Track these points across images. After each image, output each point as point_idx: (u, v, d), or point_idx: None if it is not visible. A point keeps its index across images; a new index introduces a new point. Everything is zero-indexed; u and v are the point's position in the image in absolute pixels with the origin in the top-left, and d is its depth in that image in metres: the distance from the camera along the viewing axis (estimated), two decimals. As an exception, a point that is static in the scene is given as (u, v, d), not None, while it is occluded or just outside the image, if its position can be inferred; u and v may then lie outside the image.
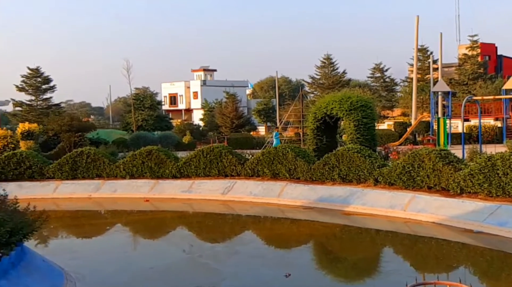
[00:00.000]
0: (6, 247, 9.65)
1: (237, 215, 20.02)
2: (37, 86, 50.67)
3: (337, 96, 22.53)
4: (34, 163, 23.95)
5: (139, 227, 18.61)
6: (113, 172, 23.75)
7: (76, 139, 31.10)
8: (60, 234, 17.45)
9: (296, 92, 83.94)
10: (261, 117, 68.13)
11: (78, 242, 16.25)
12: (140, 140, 36.69)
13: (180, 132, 49.07)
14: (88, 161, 23.90)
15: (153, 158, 23.41)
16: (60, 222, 18.56)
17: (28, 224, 10.57)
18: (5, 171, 23.66)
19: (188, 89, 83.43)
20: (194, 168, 22.92)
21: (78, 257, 13.38)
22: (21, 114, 49.86)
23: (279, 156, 21.33)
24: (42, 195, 21.90)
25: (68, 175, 23.82)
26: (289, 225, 17.79)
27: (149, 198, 22.04)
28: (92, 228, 18.54)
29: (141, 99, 51.66)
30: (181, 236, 16.86)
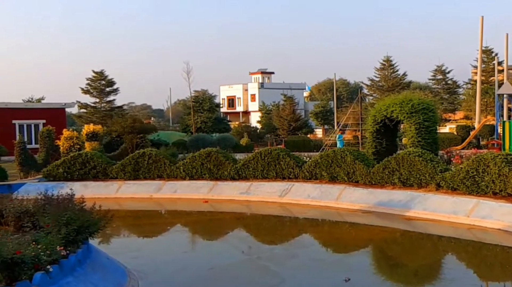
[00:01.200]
0: (73, 244, 10.02)
1: (295, 218, 20.00)
2: (101, 89, 52.37)
3: (398, 99, 22.15)
4: (99, 163, 24.72)
5: (198, 227, 18.90)
6: (174, 173, 24.20)
7: (138, 140, 31.86)
8: (122, 233, 17.94)
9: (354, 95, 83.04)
10: (318, 119, 67.79)
11: (140, 241, 16.67)
12: (199, 142, 37.22)
13: (237, 134, 49.49)
14: (149, 162, 24.46)
15: (212, 159, 23.72)
16: (123, 221, 19.05)
17: (94, 222, 10.93)
18: (71, 171, 24.54)
19: (246, 92, 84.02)
20: (252, 170, 23.06)
21: (140, 255, 13.72)
22: (85, 116, 51.66)
23: (337, 159, 21.17)
24: (105, 195, 22.54)
25: (131, 176, 24.44)
26: (347, 229, 17.62)
27: (208, 199, 22.33)
28: (153, 227, 18.97)
29: (200, 102, 52.45)
30: (239, 237, 17.00)
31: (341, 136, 34.78)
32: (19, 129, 36.51)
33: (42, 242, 9.14)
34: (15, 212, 12.46)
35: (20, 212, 12.38)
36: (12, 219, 12.42)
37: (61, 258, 9.10)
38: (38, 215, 11.50)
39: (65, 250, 9.44)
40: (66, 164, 24.64)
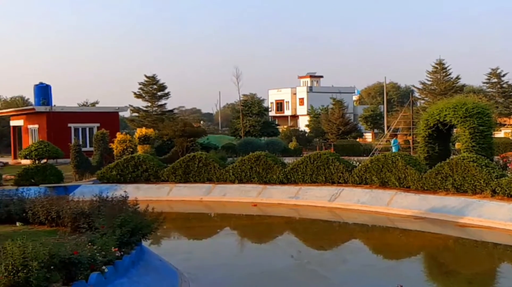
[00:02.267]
0: (127, 246, 10.25)
1: (344, 223, 19.82)
2: (153, 93, 53.36)
3: (451, 103, 21.65)
4: (150, 166, 25.20)
5: (247, 231, 18.99)
6: (223, 176, 24.42)
7: (188, 144, 32.27)
8: (173, 235, 18.22)
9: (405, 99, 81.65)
10: (368, 124, 66.97)
11: (190, 244, 16.89)
12: (247, 146, 37.39)
13: (286, 138, 49.41)
14: (199, 165, 24.76)
15: (261, 163, 23.80)
16: (174, 223, 19.34)
17: (147, 224, 11.15)
18: (124, 173, 25.10)
19: (295, 96, 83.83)
20: (301, 174, 23.01)
21: (191, 258, 13.90)
22: (138, 120, 52.74)
23: (388, 164, 20.87)
24: (157, 197, 22.93)
25: (181, 178, 24.79)
26: (398, 235, 17.33)
27: (257, 202, 22.41)
28: (203, 230, 19.18)
29: (249, 106, 52.68)
30: (288, 241, 16.98)
31: (396, 141, 34.23)
32: (75, 133, 37.67)
33: (98, 243, 9.39)
34: (71, 213, 12.86)
35: (76, 213, 12.77)
36: (69, 220, 12.83)
37: (115, 259, 9.33)
38: (94, 216, 11.83)
39: (120, 251, 9.67)
40: (119, 166, 25.23)
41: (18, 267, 7.42)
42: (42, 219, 13.43)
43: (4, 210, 14.00)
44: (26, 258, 7.51)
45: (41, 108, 37.83)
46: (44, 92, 39.10)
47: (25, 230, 12.84)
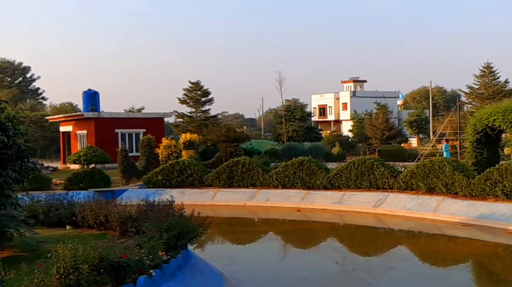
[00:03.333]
0: (173, 250, 10.40)
1: (390, 229, 19.55)
2: (197, 99, 53.99)
3: (500, 107, 21.09)
4: (195, 171, 25.49)
5: (291, 236, 18.96)
6: (266, 181, 24.47)
7: (231, 149, 32.51)
8: (218, 239, 18.35)
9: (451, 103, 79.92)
10: (413, 128, 65.90)
11: (234, 248, 16.98)
12: (290, 151, 37.36)
13: (329, 143, 49.15)
14: (243, 170, 24.89)
15: (304, 168, 23.74)
16: (218, 228, 19.48)
17: (193, 229, 11.29)
18: (170, 178, 25.46)
19: (338, 101, 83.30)
20: (345, 180, 22.83)
21: (235, 263, 13.97)
22: (182, 125, 53.43)
23: (435, 169, 20.48)
24: (201, 202, 23.16)
25: (225, 183, 24.97)
26: (446, 242, 16.97)
27: (300, 208, 22.35)
28: (247, 235, 19.25)
29: (292, 111, 52.66)
30: (333, 247, 16.87)
31: (447, 146, 33.56)
32: (121, 138, 38.43)
33: (145, 247, 9.56)
34: (119, 217, 13.14)
35: (124, 217, 13.04)
36: (117, 223, 13.11)
37: (162, 263, 9.47)
38: (141, 220, 12.05)
39: (166, 255, 9.81)
40: (164, 171, 25.62)
41: (69, 270, 7.62)
42: (91, 223, 13.76)
43: (55, 214, 14.40)
44: (77, 261, 7.71)
45: (89, 114, 38.79)
46: (92, 99, 40.08)
47: (74, 233, 13.18)
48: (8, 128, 6.69)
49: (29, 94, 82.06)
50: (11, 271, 7.69)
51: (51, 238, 12.37)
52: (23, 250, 11.21)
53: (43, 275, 7.46)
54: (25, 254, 10.78)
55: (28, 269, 7.72)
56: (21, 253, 11.00)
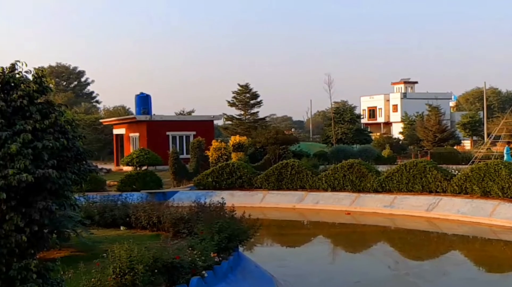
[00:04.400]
0: (225, 251, 10.51)
1: (443, 234, 19.12)
2: (246, 101, 54.26)
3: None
4: (244, 173, 25.65)
5: (341, 239, 18.81)
6: (316, 184, 24.36)
7: (280, 151, 32.51)
8: (267, 242, 18.40)
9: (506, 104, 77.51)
10: (466, 131, 64.16)
11: (284, 251, 16.99)
12: (340, 154, 37.02)
13: (379, 145, 48.45)
14: (292, 172, 24.87)
15: (354, 171, 23.51)
16: (267, 230, 19.53)
17: (244, 231, 11.37)
18: (219, 180, 25.72)
19: (388, 103, 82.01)
20: (396, 183, 22.47)
21: (285, 265, 13.98)
22: (231, 128, 53.79)
23: (490, 173, 19.90)
24: (250, 204, 23.24)
25: (274, 186, 25.01)
26: (502, 247, 16.47)
27: (350, 211, 22.14)
28: (297, 237, 19.22)
29: (341, 113, 52.20)
30: (384, 251, 16.63)
31: (509, 149, 32.54)
32: (172, 141, 39.07)
33: (197, 248, 9.70)
34: (171, 219, 13.38)
35: (176, 219, 13.27)
36: (169, 225, 13.36)
37: (214, 264, 9.60)
38: (192, 222, 12.24)
39: (218, 256, 9.94)
40: (214, 173, 25.89)
41: (125, 270, 7.82)
42: (144, 224, 14.06)
43: (110, 215, 14.79)
44: (132, 262, 7.90)
45: (141, 117, 39.58)
46: (145, 102, 40.86)
47: (128, 234, 13.50)
48: (68, 131, 6.90)
49: (84, 98, 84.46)
50: (70, 270, 7.94)
51: (106, 238, 12.72)
52: (80, 249, 11.58)
53: (100, 274, 7.68)
54: (81, 254, 11.13)
55: (85, 268, 7.96)
56: (78, 252, 11.37)
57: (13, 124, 6.42)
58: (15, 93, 6.52)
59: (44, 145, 6.38)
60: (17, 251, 6.36)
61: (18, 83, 6.63)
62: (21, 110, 6.55)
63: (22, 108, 6.54)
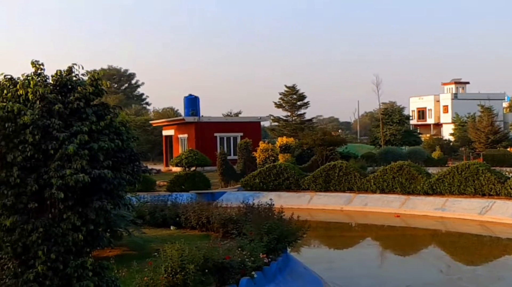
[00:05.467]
0: (274, 253, 10.53)
1: (496, 238, 18.59)
2: (292, 103, 54.23)
3: None
4: (291, 175, 25.62)
5: (390, 242, 18.54)
6: (364, 186, 24.09)
7: (327, 153, 32.32)
8: (315, 243, 18.31)
9: None
10: (520, 132, 62.12)
11: (332, 253, 16.87)
12: (388, 155, 36.52)
13: (429, 147, 47.46)
14: (340, 174, 24.68)
15: (404, 173, 23.12)
16: (315, 232, 19.40)
17: (292, 232, 11.36)
18: (267, 181, 25.77)
19: (438, 103, 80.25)
20: (448, 185, 21.96)
21: (334, 267, 13.88)
22: (278, 129, 53.86)
23: (547, 176, 19.21)
24: (297, 205, 23.18)
25: (321, 187, 24.88)
26: (560, 254, 15.87)
27: (400, 213, 21.79)
28: (345, 239, 19.06)
29: (389, 114, 51.51)
30: (435, 255, 16.28)
31: None
32: (220, 142, 39.42)
33: (247, 249, 9.75)
34: (220, 219, 13.51)
35: (225, 219, 13.39)
36: (218, 225, 13.49)
37: (263, 265, 9.62)
38: (241, 222, 12.32)
39: (267, 257, 9.96)
40: (262, 174, 25.97)
41: (176, 269, 7.93)
42: (194, 224, 14.25)
43: (160, 215, 15.06)
44: (183, 261, 8.00)
45: (190, 119, 40.09)
46: (193, 104, 41.39)
47: (178, 233, 13.70)
48: (122, 133, 7.06)
49: (134, 100, 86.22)
50: (123, 268, 8.12)
51: (157, 237, 12.95)
52: (132, 248, 11.83)
53: (152, 273, 7.83)
54: (133, 253, 11.37)
55: (138, 267, 8.12)
56: (130, 251, 11.61)
57: (70, 125, 6.61)
58: (72, 95, 6.72)
59: (99, 145, 6.55)
60: (73, 249, 6.54)
61: (75, 86, 6.83)
62: (77, 112, 6.74)
63: (78, 110, 6.73)
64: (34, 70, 6.78)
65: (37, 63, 6.81)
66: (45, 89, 6.51)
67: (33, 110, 6.40)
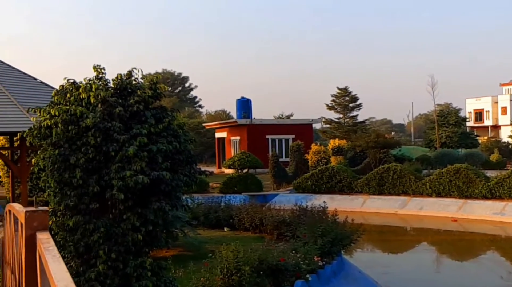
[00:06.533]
0: (328, 256, 10.45)
1: (561, 244, 17.82)
2: (345, 105, 53.72)
3: None
4: (344, 177, 25.37)
5: (447, 247, 18.08)
6: (419, 189, 23.58)
7: (381, 155, 31.82)
8: (369, 247, 18.05)
9: None
10: None
11: (387, 257, 16.59)
12: (444, 158, 35.63)
13: (486, 150, 46.03)
14: (394, 177, 24.25)
15: (461, 176, 22.49)
16: (368, 235, 19.09)
17: (347, 235, 11.26)
18: (319, 184, 25.62)
19: (496, 105, 77.75)
20: (507, 189, 21.20)
21: (389, 272, 13.65)
22: (329, 131, 53.46)
23: None
24: (351, 208, 22.89)
25: (375, 190, 24.51)
26: None
27: (457, 217, 21.20)
28: (400, 244, 18.71)
29: (445, 116, 50.25)
30: (494, 260, 15.77)
31: None
32: (272, 144, 39.49)
33: (301, 251, 9.73)
34: (274, 221, 13.53)
35: (278, 221, 13.41)
36: (271, 227, 13.52)
37: (318, 268, 9.57)
38: (295, 225, 12.30)
39: (322, 260, 9.90)
40: (314, 177, 25.83)
41: (232, 271, 8.00)
42: (247, 226, 14.33)
43: (214, 216, 15.22)
44: (239, 263, 8.06)
45: (242, 121, 40.34)
46: (245, 106, 41.63)
47: (232, 235, 13.81)
48: (180, 135, 7.18)
49: (187, 103, 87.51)
50: (180, 269, 8.25)
51: (211, 238, 13.09)
52: (187, 249, 12.00)
53: (208, 274, 7.92)
54: (188, 253, 11.53)
55: (194, 267, 8.23)
56: (185, 252, 11.78)
57: (130, 128, 6.78)
58: (132, 98, 6.88)
59: (158, 148, 6.69)
60: (133, 249, 6.69)
61: (134, 89, 7.00)
62: (137, 115, 6.91)
63: (138, 113, 6.89)
64: (96, 74, 6.99)
65: (98, 68, 7.02)
66: (106, 93, 6.71)
67: (95, 113, 6.60)
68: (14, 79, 12.04)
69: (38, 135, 6.77)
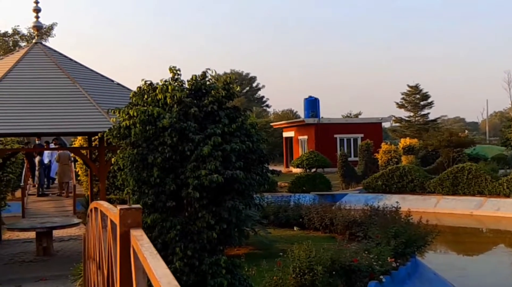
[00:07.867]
0: (402, 257, 10.23)
1: None
2: (415, 103, 52.44)
3: None
4: (416, 177, 24.75)
5: (527, 250, 17.29)
6: (496, 190, 22.66)
7: (454, 154, 30.82)
8: (443, 249, 17.52)
9: None
10: None
11: (463, 259, 16.04)
12: (521, 157, 34.13)
13: None
14: (469, 177, 23.43)
15: (543, 176, 21.44)
16: (442, 237, 18.49)
17: (421, 237, 10.98)
18: (389, 183, 25.11)
19: None
20: None
21: (466, 275, 13.20)
22: (399, 130, 52.35)
23: None
24: (423, 209, 22.27)
25: (449, 190, 23.77)
26: None
27: (538, 219, 20.23)
28: (476, 246, 18.05)
29: (522, 113, 48.07)
30: None
31: None
32: (340, 143, 39.10)
33: (373, 252, 9.57)
34: (344, 221, 13.40)
35: (349, 221, 13.26)
36: (342, 227, 13.39)
37: (391, 270, 9.39)
38: (366, 225, 12.12)
39: (395, 262, 9.71)
40: (384, 176, 25.35)
41: (304, 270, 7.98)
42: (317, 225, 14.25)
43: (283, 215, 15.25)
44: (311, 262, 8.03)
45: (310, 120, 40.17)
46: (313, 105, 41.45)
47: (302, 234, 13.78)
48: (252, 135, 7.24)
49: (255, 103, 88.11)
50: (252, 267, 8.31)
51: (281, 237, 13.12)
52: (257, 247, 12.08)
53: (281, 273, 7.93)
54: (260, 252, 11.60)
55: (267, 266, 8.27)
56: (256, 250, 11.86)
57: (205, 128, 6.90)
58: (206, 99, 7.01)
59: (232, 147, 6.77)
60: (208, 247, 6.81)
61: (208, 90, 7.12)
62: (211, 115, 7.02)
63: (212, 113, 7.00)
64: (172, 75, 7.17)
65: (174, 69, 7.19)
66: (182, 94, 6.86)
67: (171, 113, 6.76)
68: (92, 81, 12.51)
69: (117, 135, 7.01)
